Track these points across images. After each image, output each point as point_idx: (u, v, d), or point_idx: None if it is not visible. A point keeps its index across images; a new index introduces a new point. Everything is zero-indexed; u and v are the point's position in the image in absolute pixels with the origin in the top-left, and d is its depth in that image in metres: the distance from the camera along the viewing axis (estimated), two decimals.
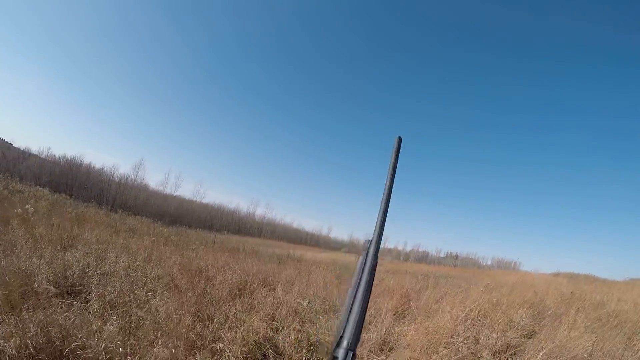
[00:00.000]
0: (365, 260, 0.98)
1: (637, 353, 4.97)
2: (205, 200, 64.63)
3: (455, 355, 4.93)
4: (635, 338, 5.88)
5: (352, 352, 0.82)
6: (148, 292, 5.51)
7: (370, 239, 1.03)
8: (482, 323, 6.21)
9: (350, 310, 0.89)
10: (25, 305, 3.83)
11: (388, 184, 1.08)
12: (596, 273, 32.64)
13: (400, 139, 1.12)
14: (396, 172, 1.10)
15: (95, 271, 5.88)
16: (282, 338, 4.87)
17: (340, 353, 0.81)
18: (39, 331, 3.18)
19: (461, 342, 5.35)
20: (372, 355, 5.08)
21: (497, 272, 40.14)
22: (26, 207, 9.58)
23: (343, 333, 0.85)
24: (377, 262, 1.00)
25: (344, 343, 0.83)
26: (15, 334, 3.14)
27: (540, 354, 4.81)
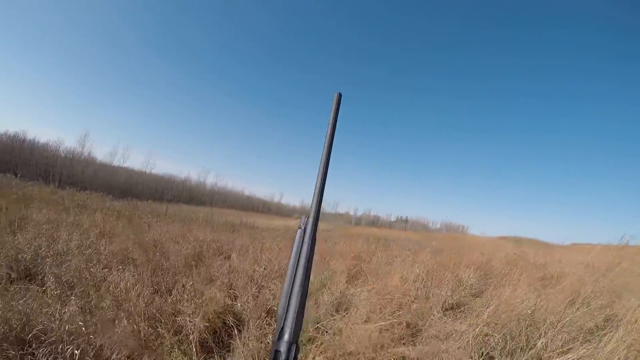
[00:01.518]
0: (303, 238, 0.86)
1: (577, 310, 5.41)
2: (155, 171, 62.96)
3: (407, 312, 5.37)
4: (574, 297, 6.48)
5: (295, 345, 0.74)
6: (104, 268, 5.55)
7: (307, 214, 0.89)
8: (432, 283, 6.67)
9: (290, 296, 0.79)
10: None
11: (327, 145, 0.93)
12: (541, 237, 34.78)
13: (340, 95, 0.98)
14: (335, 134, 0.94)
15: (48, 252, 5.82)
16: (241, 305, 5.12)
17: (283, 347, 0.73)
18: None
19: (412, 300, 5.82)
20: (329, 316, 5.39)
21: (445, 236, 42.22)
22: None
23: (284, 324, 0.76)
24: (315, 240, 0.88)
25: (286, 336, 0.74)
26: None
27: (488, 310, 5.22)
